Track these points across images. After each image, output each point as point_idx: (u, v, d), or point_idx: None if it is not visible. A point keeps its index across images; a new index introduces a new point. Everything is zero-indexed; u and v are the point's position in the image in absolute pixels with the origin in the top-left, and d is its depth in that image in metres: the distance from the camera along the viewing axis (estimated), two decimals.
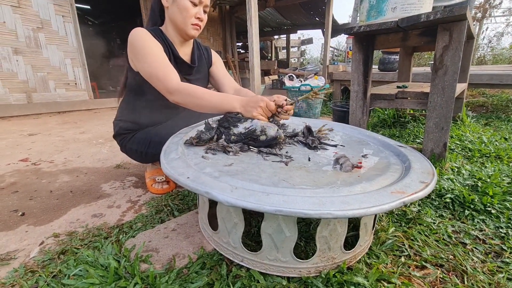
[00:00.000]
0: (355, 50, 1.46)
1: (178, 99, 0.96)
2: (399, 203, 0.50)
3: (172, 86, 0.95)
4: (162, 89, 0.98)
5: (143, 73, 1.02)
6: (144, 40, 1.00)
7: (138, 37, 1.00)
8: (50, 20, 3.40)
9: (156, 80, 0.98)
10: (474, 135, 1.83)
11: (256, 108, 0.88)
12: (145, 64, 0.99)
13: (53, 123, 2.89)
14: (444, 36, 1.18)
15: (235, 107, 0.91)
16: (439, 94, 1.23)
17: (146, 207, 1.09)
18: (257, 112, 0.88)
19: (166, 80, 0.96)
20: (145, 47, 0.99)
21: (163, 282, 0.64)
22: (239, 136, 0.84)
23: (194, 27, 1.07)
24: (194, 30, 1.08)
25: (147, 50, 0.99)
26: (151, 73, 0.98)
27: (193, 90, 0.94)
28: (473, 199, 0.99)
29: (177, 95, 0.95)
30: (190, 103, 0.95)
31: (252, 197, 0.50)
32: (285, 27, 8.17)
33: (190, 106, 0.96)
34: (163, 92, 0.98)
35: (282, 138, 0.86)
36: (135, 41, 1.00)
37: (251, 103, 0.89)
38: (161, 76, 0.96)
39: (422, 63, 7.09)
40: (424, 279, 0.68)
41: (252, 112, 0.89)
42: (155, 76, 0.97)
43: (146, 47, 0.99)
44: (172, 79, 0.97)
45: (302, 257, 0.73)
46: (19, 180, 1.38)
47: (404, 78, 2.29)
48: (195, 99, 0.94)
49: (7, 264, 0.77)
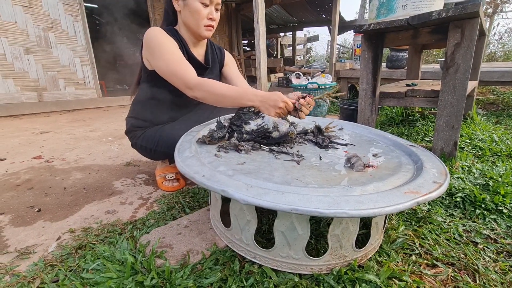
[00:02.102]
0: (364, 48, 1.45)
1: (198, 94, 0.96)
2: (413, 203, 0.51)
3: (191, 81, 0.96)
4: (181, 85, 0.99)
5: (159, 70, 1.03)
6: (160, 38, 1.01)
7: (154, 35, 1.01)
8: (60, 19, 3.45)
9: (174, 77, 0.99)
10: (485, 134, 1.81)
11: (275, 109, 0.88)
12: (162, 62, 1.00)
13: (63, 121, 2.95)
14: (456, 34, 1.16)
15: (254, 103, 0.91)
16: (450, 92, 1.22)
17: (158, 204, 1.11)
18: (276, 113, 0.89)
19: (185, 76, 0.97)
20: (162, 45, 1.00)
21: (178, 277, 0.66)
22: (251, 134, 0.85)
23: (207, 29, 1.08)
24: (208, 32, 1.09)
25: (163, 47, 1.00)
26: (169, 70, 0.99)
27: (212, 84, 0.95)
28: (484, 198, 0.99)
29: (196, 90, 0.96)
30: (209, 98, 0.95)
31: (267, 195, 0.51)
32: (291, 24, 8.12)
33: (209, 101, 0.96)
34: (182, 88, 0.99)
35: (294, 134, 0.86)
36: (151, 39, 1.01)
37: (270, 102, 0.89)
38: (179, 73, 0.97)
39: (430, 60, 6.99)
40: (436, 278, 0.68)
41: (271, 112, 0.89)
42: (174, 73, 0.98)
43: (162, 44, 1.00)
44: (190, 74, 0.97)
45: (313, 254, 0.74)
46: (34, 177, 1.42)
47: (413, 75, 2.27)
48: (214, 95, 0.94)
49: (27, 258, 0.80)
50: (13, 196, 1.20)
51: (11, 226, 0.97)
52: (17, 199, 1.17)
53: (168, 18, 1.17)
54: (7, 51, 3.08)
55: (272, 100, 0.89)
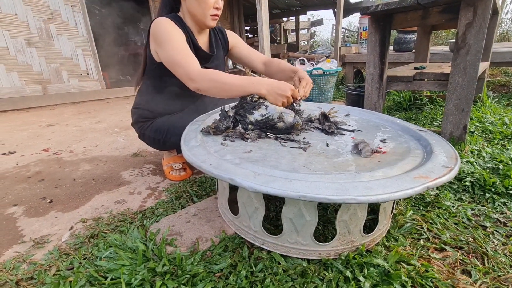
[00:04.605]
0: (371, 31, 1.41)
1: (200, 85, 0.93)
2: (423, 188, 0.50)
3: (193, 72, 0.94)
4: (183, 76, 0.97)
5: (164, 60, 1.02)
6: (167, 28, 1.01)
7: (161, 26, 1.00)
8: (60, 10, 3.40)
9: (178, 66, 0.97)
10: (495, 117, 1.77)
11: (283, 98, 0.87)
12: (166, 52, 0.99)
13: (69, 113, 2.97)
14: (468, 13, 1.11)
15: (261, 91, 0.88)
16: (460, 75, 1.19)
17: (166, 194, 1.12)
18: (281, 102, 0.87)
19: (187, 67, 0.95)
20: (168, 35, 1.00)
21: (189, 263, 0.67)
22: (256, 124, 0.84)
23: (213, 18, 1.07)
24: (213, 21, 1.08)
25: (170, 37, 0.99)
26: (173, 60, 0.98)
27: (215, 74, 0.92)
28: (494, 182, 0.97)
29: (198, 81, 0.93)
30: (212, 88, 0.92)
31: (275, 183, 0.51)
32: (294, 8, 7.89)
33: (212, 92, 0.93)
34: (184, 79, 0.97)
35: (300, 125, 0.85)
36: (158, 30, 1.00)
37: (279, 91, 0.87)
38: (182, 63, 0.96)
39: (439, 42, 6.77)
40: (444, 261, 0.68)
41: (278, 101, 0.87)
42: (177, 62, 0.97)
43: (169, 34, 1.00)
44: (193, 65, 0.96)
45: (321, 240, 0.75)
46: (44, 169, 1.44)
47: (422, 58, 2.20)
48: (218, 84, 0.91)
49: (42, 247, 0.82)
50: (25, 188, 1.23)
51: (25, 217, 0.99)
52: (29, 191, 1.20)
53: (168, 4, 1.14)
54: (9, 44, 3.08)
55: (281, 90, 0.87)
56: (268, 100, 0.88)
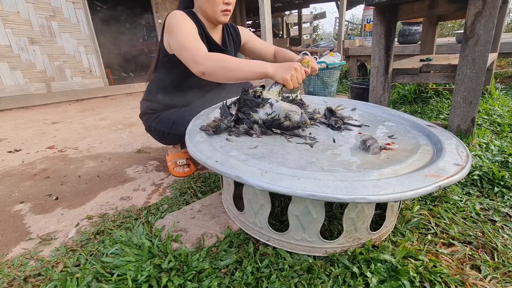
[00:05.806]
0: (376, 22, 1.38)
1: (205, 67, 0.92)
2: (434, 187, 0.49)
3: (199, 55, 0.93)
4: (188, 59, 0.96)
5: (174, 47, 1.02)
6: (179, 18, 1.02)
7: (174, 17, 1.02)
8: (61, 7, 3.39)
9: (184, 50, 0.96)
10: (504, 109, 1.73)
11: (290, 70, 0.86)
12: (176, 37, 0.99)
13: (73, 111, 2.98)
14: (477, 1, 1.08)
15: (267, 70, 0.88)
16: (468, 66, 1.16)
17: (170, 190, 1.12)
18: (290, 75, 0.85)
19: (194, 50, 0.94)
20: (180, 23, 1.01)
21: (194, 259, 0.67)
22: (261, 125, 0.82)
23: (224, 13, 1.07)
24: (224, 16, 1.08)
25: (180, 25, 1.00)
26: (181, 44, 0.97)
27: (220, 55, 0.93)
28: (503, 176, 0.95)
29: (203, 63, 0.91)
30: (218, 70, 0.91)
31: (283, 181, 0.50)
32: (297, 1, 7.78)
33: (217, 74, 0.92)
34: (190, 64, 0.96)
35: (307, 124, 0.83)
36: (171, 20, 1.02)
37: (284, 66, 0.87)
38: (190, 46, 0.95)
39: (445, 34, 6.64)
40: (452, 256, 0.68)
41: (285, 75, 0.86)
42: (184, 46, 0.96)
43: (180, 23, 1.01)
44: (200, 49, 0.95)
45: (326, 235, 0.74)
46: (49, 166, 1.45)
47: (428, 50, 2.16)
48: (223, 63, 0.90)
49: (49, 244, 0.83)
50: (31, 185, 1.24)
51: (32, 214, 1.00)
52: (35, 188, 1.21)
53: (183, 1, 1.16)
54: (12, 42, 3.08)
55: (286, 65, 0.87)
56: (276, 77, 0.87)
